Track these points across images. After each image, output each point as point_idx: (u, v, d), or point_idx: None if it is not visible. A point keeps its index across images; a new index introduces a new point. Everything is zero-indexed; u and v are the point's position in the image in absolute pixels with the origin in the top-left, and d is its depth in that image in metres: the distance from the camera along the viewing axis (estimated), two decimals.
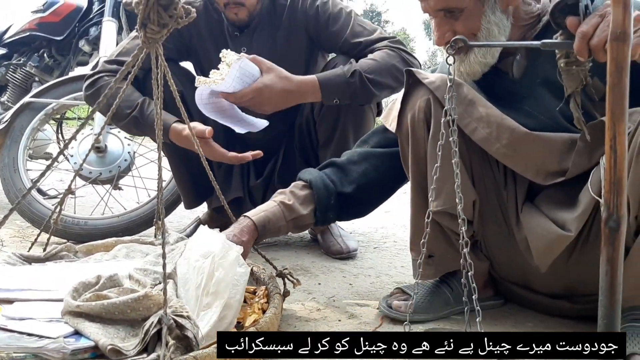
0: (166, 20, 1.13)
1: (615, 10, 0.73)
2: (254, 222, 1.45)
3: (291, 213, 1.50)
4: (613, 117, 0.75)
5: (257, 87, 1.72)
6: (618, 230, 0.76)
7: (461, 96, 1.34)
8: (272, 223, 1.47)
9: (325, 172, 1.57)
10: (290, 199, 1.51)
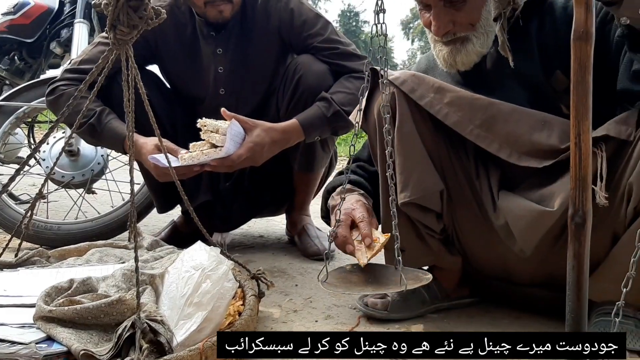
0: (136, 21, 1.13)
1: (578, 10, 0.75)
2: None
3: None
4: (577, 115, 0.76)
5: (249, 147, 1.74)
6: (584, 226, 0.77)
7: (427, 85, 1.36)
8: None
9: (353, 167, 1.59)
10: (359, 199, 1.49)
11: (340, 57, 1.97)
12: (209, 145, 1.68)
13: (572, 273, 0.78)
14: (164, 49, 2.06)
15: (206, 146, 1.68)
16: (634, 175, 1.19)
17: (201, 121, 1.67)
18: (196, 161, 1.67)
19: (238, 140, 1.74)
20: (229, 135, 1.66)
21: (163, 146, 1.41)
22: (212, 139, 1.67)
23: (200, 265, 1.25)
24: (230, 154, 1.70)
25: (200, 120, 1.67)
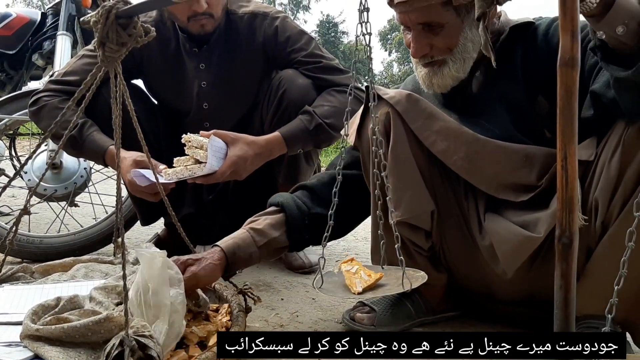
0: (125, 39, 1.13)
1: (564, 37, 0.77)
2: (222, 249, 1.41)
3: (262, 237, 1.46)
4: (564, 138, 0.78)
5: (232, 162, 1.74)
6: (571, 246, 0.80)
7: (420, 109, 1.38)
8: (242, 249, 1.42)
9: (296, 194, 1.57)
10: (260, 223, 1.48)
11: (323, 71, 2.00)
12: (192, 161, 1.68)
13: (560, 292, 0.80)
14: (148, 64, 2.06)
15: (190, 161, 1.68)
16: (598, 191, 1.24)
17: (185, 137, 1.67)
18: (180, 177, 1.67)
19: (220, 156, 1.74)
20: (210, 151, 1.66)
21: (151, 162, 1.41)
22: (196, 155, 1.67)
23: (137, 268, 1.23)
24: (214, 170, 1.71)
25: (184, 136, 1.67)
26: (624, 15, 1.02)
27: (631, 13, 1.03)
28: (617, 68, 1.10)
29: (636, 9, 1.03)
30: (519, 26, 1.43)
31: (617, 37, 1.05)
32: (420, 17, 1.37)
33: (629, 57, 1.07)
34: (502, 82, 1.40)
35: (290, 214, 1.50)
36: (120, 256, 1.65)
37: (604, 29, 1.05)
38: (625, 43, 1.06)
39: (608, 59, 1.11)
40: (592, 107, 1.26)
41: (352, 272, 1.28)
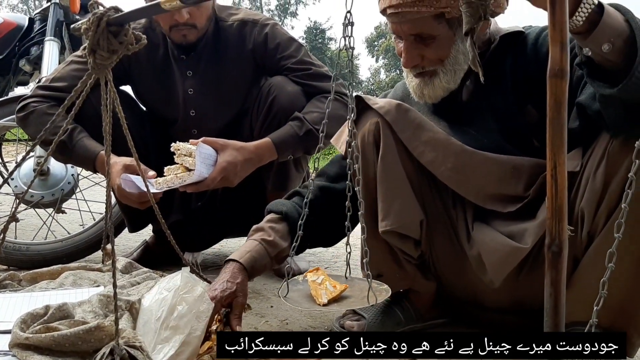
0: (116, 46, 1.13)
1: (553, 49, 0.78)
2: (242, 264, 1.41)
3: (274, 249, 1.47)
4: (553, 148, 0.79)
5: (222, 168, 1.74)
6: (560, 255, 0.80)
7: (409, 119, 1.39)
8: (258, 262, 1.43)
9: (294, 200, 1.57)
10: (270, 234, 1.48)
11: (312, 78, 2.00)
12: (182, 169, 1.68)
13: (550, 300, 0.81)
14: (136, 70, 2.06)
15: (180, 170, 1.68)
16: (584, 202, 1.26)
17: (175, 145, 1.67)
18: (171, 185, 1.67)
19: (209, 162, 1.74)
20: (198, 158, 1.66)
21: (140, 168, 1.41)
22: (186, 163, 1.67)
23: (174, 286, 1.25)
24: (204, 177, 1.70)
25: (174, 144, 1.67)
26: (610, 33, 1.03)
27: (617, 31, 1.04)
28: (602, 85, 1.11)
29: (622, 27, 1.04)
30: (509, 35, 1.44)
31: (603, 55, 1.06)
32: (412, 28, 1.38)
33: (614, 74, 1.08)
34: (492, 91, 1.42)
35: (295, 223, 1.49)
36: (109, 263, 1.65)
37: (590, 46, 1.06)
38: (611, 60, 1.07)
39: (594, 75, 1.13)
40: (578, 119, 1.28)
41: (318, 283, 1.27)
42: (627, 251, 1.21)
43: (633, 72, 1.03)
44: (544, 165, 0.84)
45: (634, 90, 1.03)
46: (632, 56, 1.04)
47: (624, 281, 1.24)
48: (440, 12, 1.34)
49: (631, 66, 1.03)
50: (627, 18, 1.05)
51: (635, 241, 1.20)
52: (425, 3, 1.33)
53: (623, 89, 1.06)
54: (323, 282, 1.27)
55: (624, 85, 1.05)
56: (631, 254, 1.21)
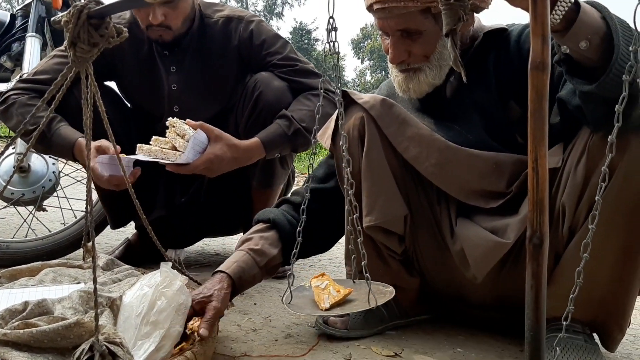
0: (97, 39, 1.12)
1: (535, 41, 0.78)
2: (229, 274, 1.37)
3: (263, 257, 1.43)
4: (535, 140, 0.79)
5: (208, 159, 1.73)
6: (541, 247, 0.80)
7: (394, 115, 1.39)
8: (246, 272, 1.39)
9: (283, 208, 1.54)
10: (258, 243, 1.45)
11: (299, 74, 2.00)
12: (170, 146, 1.67)
13: (531, 292, 0.81)
14: (120, 66, 2.05)
15: (167, 145, 1.67)
16: (565, 196, 1.27)
17: (171, 120, 1.66)
18: (152, 157, 1.66)
19: (199, 149, 1.73)
20: (191, 143, 1.66)
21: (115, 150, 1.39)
22: (176, 142, 1.66)
23: (154, 282, 1.24)
24: (189, 162, 1.69)
25: (170, 119, 1.67)
26: (587, 31, 1.04)
27: (594, 29, 1.05)
28: (581, 81, 1.11)
29: (598, 25, 1.05)
30: (492, 32, 1.45)
31: (580, 52, 1.06)
32: (399, 23, 1.38)
33: (593, 71, 1.09)
34: (476, 87, 1.42)
35: (284, 229, 1.49)
36: (90, 260, 1.63)
37: (567, 43, 1.07)
38: (589, 57, 1.08)
39: (573, 72, 1.13)
40: (559, 114, 1.29)
41: (321, 288, 1.28)
42: (608, 247, 1.22)
43: (610, 69, 1.04)
44: (526, 161, 0.84)
45: (612, 86, 1.04)
46: (609, 53, 1.05)
47: (604, 277, 1.25)
48: (426, 6, 1.35)
49: (609, 63, 1.04)
50: (603, 15, 1.06)
51: (615, 237, 1.22)
52: None
53: (601, 85, 1.06)
54: (327, 287, 1.28)
55: (602, 82, 1.06)
56: (611, 250, 1.22)
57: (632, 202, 1.18)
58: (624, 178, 1.18)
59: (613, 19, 1.06)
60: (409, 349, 1.41)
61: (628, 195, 1.18)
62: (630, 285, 1.24)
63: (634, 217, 1.18)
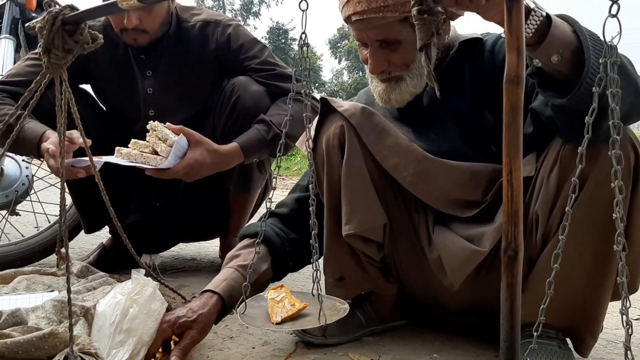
0: (72, 45, 1.11)
1: (510, 55, 0.80)
2: (219, 293, 1.34)
3: (253, 274, 1.37)
4: (509, 153, 0.80)
5: (189, 164, 1.73)
6: (516, 258, 0.82)
7: (373, 124, 1.40)
8: (236, 290, 1.35)
9: (269, 221, 1.51)
10: (246, 258, 1.42)
11: (277, 79, 2.00)
12: (150, 150, 1.66)
13: (506, 303, 0.82)
14: (95, 69, 2.03)
15: (147, 149, 1.66)
16: (538, 205, 1.29)
17: (152, 123, 1.65)
18: (132, 160, 1.65)
19: (179, 155, 1.73)
20: (174, 148, 1.65)
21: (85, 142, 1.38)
22: (157, 146, 1.65)
23: (127, 290, 1.24)
24: (169, 167, 1.68)
25: (151, 122, 1.66)
26: (559, 45, 1.06)
27: (565, 42, 1.06)
28: (553, 95, 1.13)
29: (569, 39, 1.07)
30: (467, 42, 1.47)
31: (552, 65, 1.08)
32: (377, 34, 1.39)
33: (565, 84, 1.10)
34: (452, 96, 1.44)
35: (273, 243, 1.47)
36: (64, 267, 1.61)
37: (540, 57, 1.08)
38: (560, 71, 1.09)
39: (545, 85, 1.15)
40: (532, 124, 1.30)
41: (277, 301, 1.26)
42: (580, 256, 1.24)
43: (581, 82, 1.05)
44: (501, 170, 0.85)
45: (583, 99, 1.05)
46: (580, 66, 1.06)
47: (577, 285, 1.27)
48: (404, 16, 1.35)
49: (580, 76, 1.05)
50: (574, 29, 1.08)
51: (588, 246, 1.24)
52: (390, 8, 1.34)
53: (573, 98, 1.07)
54: (282, 299, 1.26)
55: (574, 95, 1.07)
56: (584, 258, 1.24)
57: (603, 211, 1.20)
58: (595, 187, 1.20)
59: (584, 32, 1.07)
60: (386, 354, 1.42)
61: (599, 204, 1.20)
62: (602, 292, 1.27)
63: (605, 225, 1.20)
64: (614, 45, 0.83)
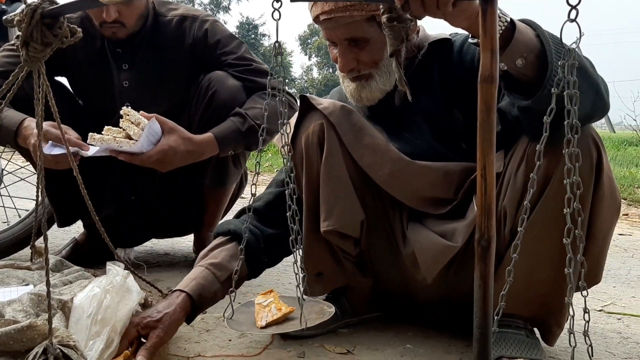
0: (50, 39, 1.11)
1: (484, 55, 0.83)
2: (188, 293, 1.33)
3: (223, 271, 1.39)
4: (483, 149, 0.84)
5: (162, 150, 1.72)
6: (489, 249, 0.85)
7: (352, 122, 1.43)
8: (206, 289, 1.35)
9: (244, 218, 1.51)
10: (217, 256, 1.42)
11: (253, 74, 2.01)
12: (123, 135, 1.65)
13: (479, 291, 0.86)
14: (72, 61, 2.01)
15: (121, 134, 1.65)
16: (506, 200, 1.33)
17: (126, 109, 1.65)
18: (105, 146, 1.64)
19: (153, 140, 1.72)
20: (146, 132, 1.65)
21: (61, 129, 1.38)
22: (130, 130, 1.65)
23: (103, 283, 1.25)
24: (142, 151, 1.69)
25: (124, 108, 1.66)
26: (523, 49, 1.10)
27: (529, 47, 1.11)
28: (519, 97, 1.17)
29: (533, 43, 1.11)
30: (437, 42, 1.51)
31: (517, 69, 1.12)
32: (345, 32, 1.42)
33: (529, 87, 1.14)
34: (422, 96, 1.47)
35: (247, 240, 1.48)
36: (38, 261, 1.61)
37: (505, 61, 1.12)
38: (525, 74, 1.13)
39: (511, 88, 1.19)
40: (500, 123, 1.35)
41: (264, 305, 1.28)
42: (546, 249, 1.29)
43: (545, 85, 1.10)
44: (472, 168, 0.89)
45: (546, 101, 1.09)
46: (543, 70, 1.10)
47: (543, 276, 1.31)
48: (371, 15, 1.39)
49: (543, 79, 1.10)
50: (537, 33, 1.12)
51: (553, 239, 1.28)
52: (356, 7, 1.37)
53: (537, 100, 1.12)
54: (269, 304, 1.28)
55: (537, 98, 1.12)
56: (549, 251, 1.29)
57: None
58: (559, 184, 1.24)
59: (546, 37, 1.12)
60: (360, 345, 1.45)
61: (562, 200, 1.24)
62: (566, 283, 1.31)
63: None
64: (572, 48, 0.88)
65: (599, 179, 1.25)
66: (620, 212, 1.35)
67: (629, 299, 2.06)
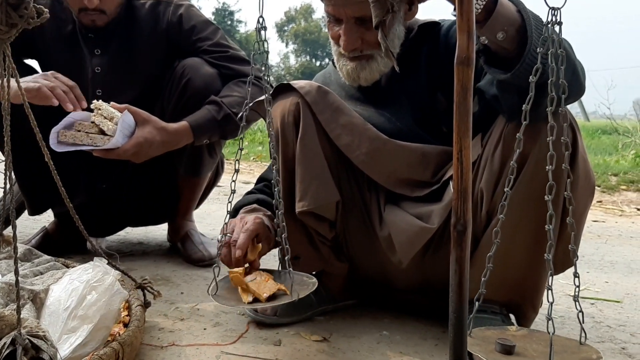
0: (16, 20, 1.06)
1: (461, 37, 0.82)
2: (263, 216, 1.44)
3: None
4: (459, 132, 0.83)
5: (137, 142, 1.69)
6: (465, 233, 0.85)
7: (328, 102, 1.41)
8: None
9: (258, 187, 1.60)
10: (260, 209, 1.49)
11: (229, 60, 1.98)
12: (96, 130, 1.62)
13: (455, 276, 0.85)
14: (42, 44, 1.96)
15: (94, 129, 1.62)
16: (483, 182, 1.34)
17: (97, 103, 1.61)
18: (77, 143, 1.60)
19: (127, 133, 1.69)
20: (120, 126, 1.61)
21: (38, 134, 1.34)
22: (103, 125, 1.61)
23: (85, 277, 1.22)
24: (117, 146, 1.65)
25: (95, 102, 1.62)
26: (504, 23, 1.11)
27: (510, 20, 1.12)
28: (498, 71, 1.18)
29: (514, 17, 1.12)
30: (426, 25, 1.50)
31: (497, 42, 1.13)
32: (355, 10, 1.39)
33: (509, 61, 1.15)
34: (408, 78, 1.47)
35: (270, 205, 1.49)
36: (6, 250, 1.56)
37: (486, 34, 1.13)
38: (505, 48, 1.14)
39: (490, 62, 1.20)
40: (478, 104, 1.35)
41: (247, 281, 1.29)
42: (521, 233, 1.29)
43: (524, 59, 1.11)
44: (450, 152, 0.89)
45: (525, 75, 1.10)
46: (523, 44, 1.12)
47: (518, 261, 1.32)
48: None
49: (522, 53, 1.12)
50: (519, 9, 1.14)
51: (528, 223, 1.29)
52: None
53: (516, 74, 1.13)
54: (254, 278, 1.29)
55: (516, 71, 1.13)
56: (524, 235, 1.30)
57: (541, 190, 1.24)
58: (536, 165, 1.25)
59: (527, 12, 1.13)
60: (337, 333, 1.45)
61: (539, 181, 1.25)
62: (542, 268, 1.32)
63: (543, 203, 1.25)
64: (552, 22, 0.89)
65: (574, 159, 1.25)
66: (594, 194, 1.36)
67: (602, 284, 2.09)
